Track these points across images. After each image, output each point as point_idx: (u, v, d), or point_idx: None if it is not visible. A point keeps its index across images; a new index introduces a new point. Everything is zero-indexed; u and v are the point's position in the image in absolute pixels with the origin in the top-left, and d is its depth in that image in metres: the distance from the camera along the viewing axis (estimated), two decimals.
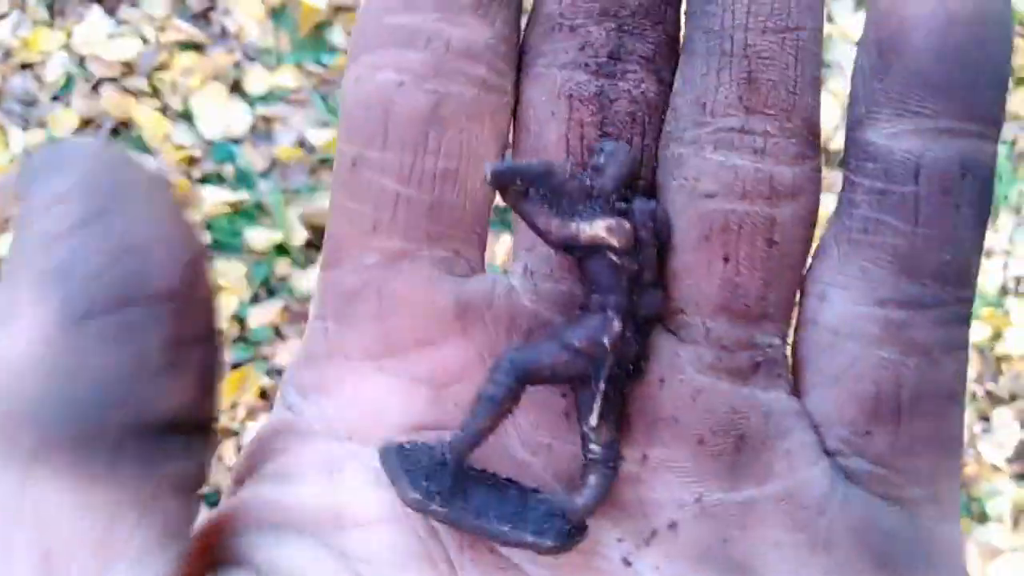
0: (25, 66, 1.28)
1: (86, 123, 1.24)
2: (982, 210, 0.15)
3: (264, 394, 1.05)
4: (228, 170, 1.19)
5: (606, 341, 0.15)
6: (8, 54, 1.27)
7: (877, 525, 0.15)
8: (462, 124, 0.15)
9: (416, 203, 0.15)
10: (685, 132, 0.15)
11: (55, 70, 1.27)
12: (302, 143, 1.21)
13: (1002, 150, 1.36)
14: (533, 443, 0.16)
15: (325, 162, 1.19)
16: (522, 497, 0.15)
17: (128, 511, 0.13)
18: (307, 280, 1.10)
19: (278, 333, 1.08)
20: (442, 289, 0.16)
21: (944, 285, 0.15)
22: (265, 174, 1.19)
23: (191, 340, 0.14)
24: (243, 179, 1.18)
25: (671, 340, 0.16)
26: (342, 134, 0.16)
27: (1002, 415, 1.14)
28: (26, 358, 0.13)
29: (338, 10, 1.31)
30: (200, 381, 0.14)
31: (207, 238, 1.13)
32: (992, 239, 1.27)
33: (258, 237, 1.12)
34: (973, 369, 1.21)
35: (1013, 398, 1.15)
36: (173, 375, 0.13)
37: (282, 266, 1.11)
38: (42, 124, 1.23)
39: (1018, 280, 1.22)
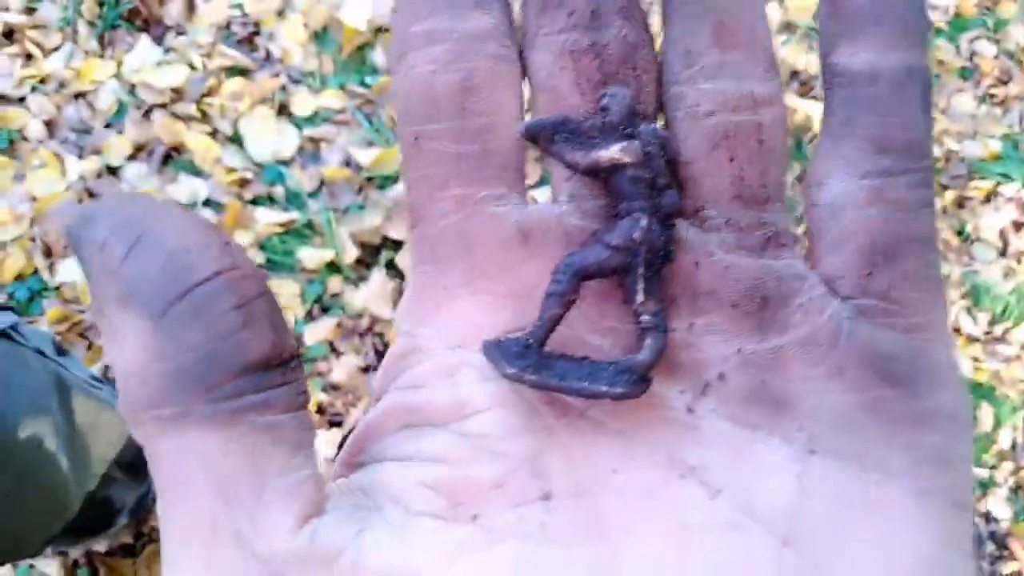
0: (78, 96, 1.31)
1: (139, 149, 1.27)
2: (926, 102, 0.20)
3: (321, 409, 1.07)
4: (278, 191, 1.21)
5: (637, 236, 0.19)
6: (62, 85, 1.31)
7: (880, 349, 0.19)
8: (488, 89, 0.19)
9: (469, 156, 0.19)
10: (680, 75, 0.20)
11: (107, 99, 1.30)
12: (348, 162, 1.23)
13: None
14: (601, 329, 0.20)
15: (371, 180, 1.21)
16: (594, 364, 0.19)
17: (261, 435, 0.17)
18: (359, 297, 1.12)
19: (333, 349, 1.10)
20: (507, 222, 0.20)
21: (908, 157, 0.19)
22: (314, 194, 1.21)
23: (251, 298, 0.18)
24: (293, 199, 1.21)
25: (699, 232, 0.20)
26: (401, 120, 0.20)
27: None
28: (137, 362, 0.17)
29: (379, 31, 1.34)
30: (272, 325, 0.18)
31: (261, 258, 1.16)
32: None
33: (310, 256, 1.15)
34: None
35: None
36: (250, 327, 0.17)
37: (334, 283, 1.14)
38: (97, 151, 1.26)
39: None
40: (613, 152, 0.19)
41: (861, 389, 0.19)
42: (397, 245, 1.16)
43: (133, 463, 0.89)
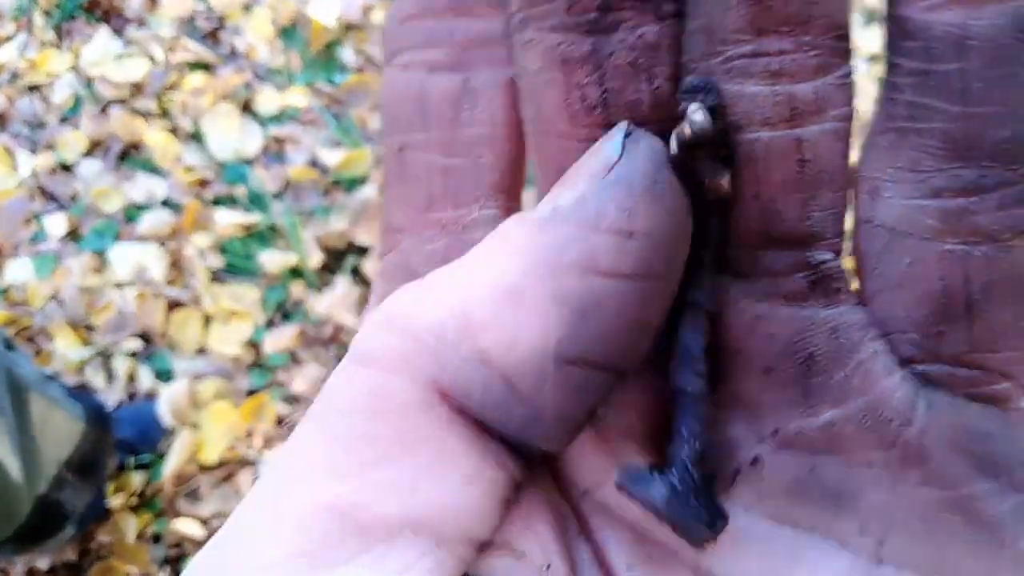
0: (32, 88, 1.26)
1: (95, 145, 1.22)
2: None
3: (281, 421, 1.03)
4: (240, 192, 1.17)
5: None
6: (15, 76, 1.25)
7: (971, 427, 0.14)
8: (491, 95, 0.16)
9: (460, 170, 0.16)
10: (698, 64, 0.14)
11: (63, 92, 1.25)
12: (315, 163, 1.19)
13: None
14: None
15: (338, 183, 1.17)
16: None
17: None
18: (323, 303, 1.08)
19: (294, 358, 1.06)
20: None
21: (1007, 164, 0.13)
22: (278, 195, 1.17)
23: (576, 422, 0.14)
24: (256, 201, 1.16)
25: (715, 276, 0.15)
26: (386, 129, 0.17)
27: None
28: (516, 379, 0.13)
29: (348, 28, 1.30)
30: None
31: (220, 262, 1.11)
32: None
33: (272, 260, 1.11)
34: None
35: None
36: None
37: (297, 289, 1.10)
38: (50, 146, 1.21)
39: None
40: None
41: (948, 481, 0.14)
42: (363, 251, 1.12)
43: (84, 464, 0.86)
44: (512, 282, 0.14)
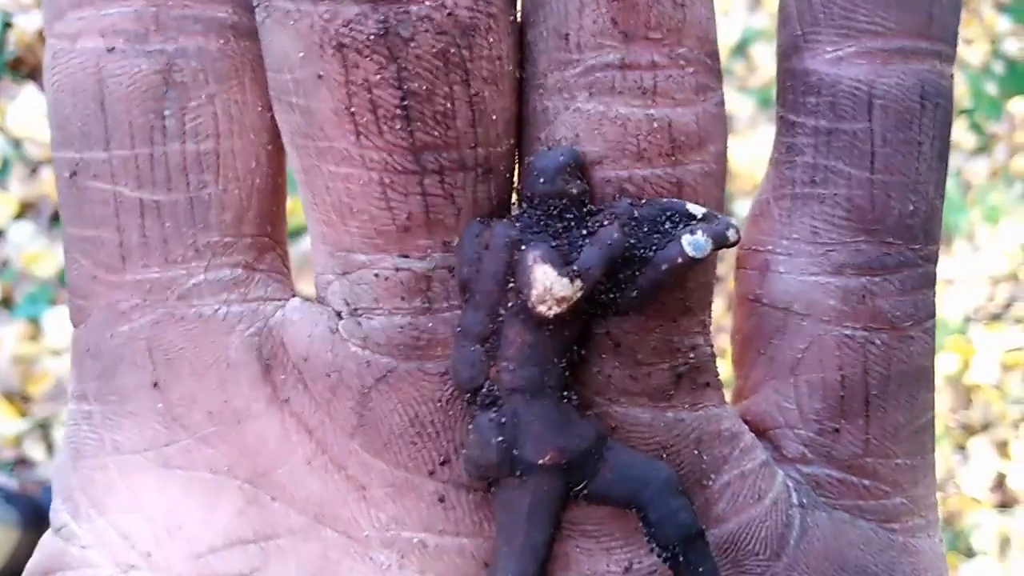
0: None
1: (25, 208, 1.19)
2: (943, 147, 0.12)
3: None
4: None
5: None
6: None
7: (848, 557, 0.12)
8: (209, 88, 0.11)
9: (169, 209, 0.11)
10: (548, 77, 0.11)
11: None
12: None
13: (950, 182, 1.39)
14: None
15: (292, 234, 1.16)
16: None
17: None
18: None
19: None
20: (239, 335, 0.12)
21: (909, 241, 0.12)
22: None
23: None
24: None
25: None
26: (53, 137, 0.12)
27: (977, 445, 1.15)
28: None
29: None
30: None
31: None
32: (950, 267, 1.29)
33: None
34: (946, 401, 1.22)
35: (985, 427, 1.16)
36: None
37: None
38: None
39: (977, 309, 1.24)
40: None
41: None
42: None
43: (21, 573, 0.82)
44: None
